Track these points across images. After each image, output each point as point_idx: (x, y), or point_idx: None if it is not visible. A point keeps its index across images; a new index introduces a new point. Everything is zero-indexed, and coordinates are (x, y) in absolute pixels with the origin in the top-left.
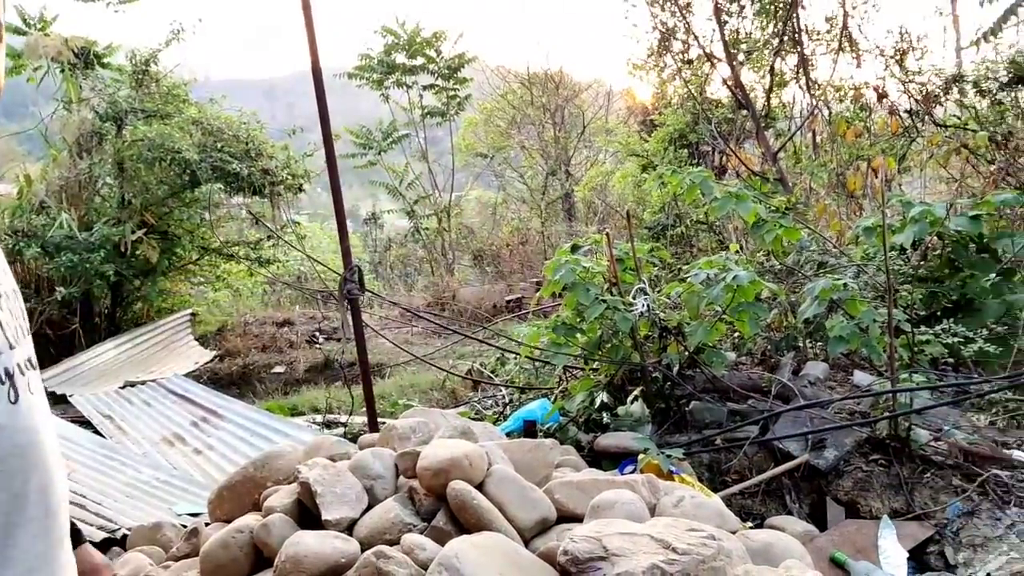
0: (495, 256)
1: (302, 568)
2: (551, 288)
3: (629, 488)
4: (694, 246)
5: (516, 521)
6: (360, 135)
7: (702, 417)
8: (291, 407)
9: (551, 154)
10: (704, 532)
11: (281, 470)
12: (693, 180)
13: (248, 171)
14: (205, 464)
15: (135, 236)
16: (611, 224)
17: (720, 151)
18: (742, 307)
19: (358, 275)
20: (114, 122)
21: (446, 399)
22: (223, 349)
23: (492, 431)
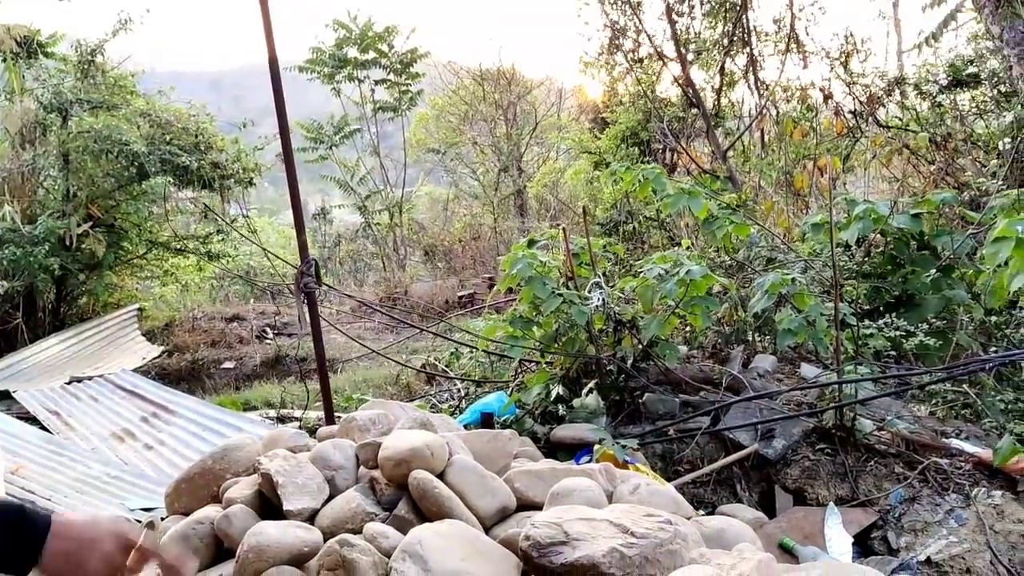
0: (447, 252)
1: (264, 557)
2: (508, 282)
3: (587, 476)
4: (646, 242)
5: (477, 509)
6: (311, 129)
7: (655, 408)
8: (244, 402)
9: (503, 150)
10: (661, 517)
11: (240, 462)
12: (646, 176)
13: (198, 164)
14: (156, 459)
15: (80, 229)
16: (564, 220)
17: (671, 149)
18: (694, 301)
19: (315, 269)
20: (59, 113)
21: (400, 393)
22: (171, 344)
23: (451, 423)
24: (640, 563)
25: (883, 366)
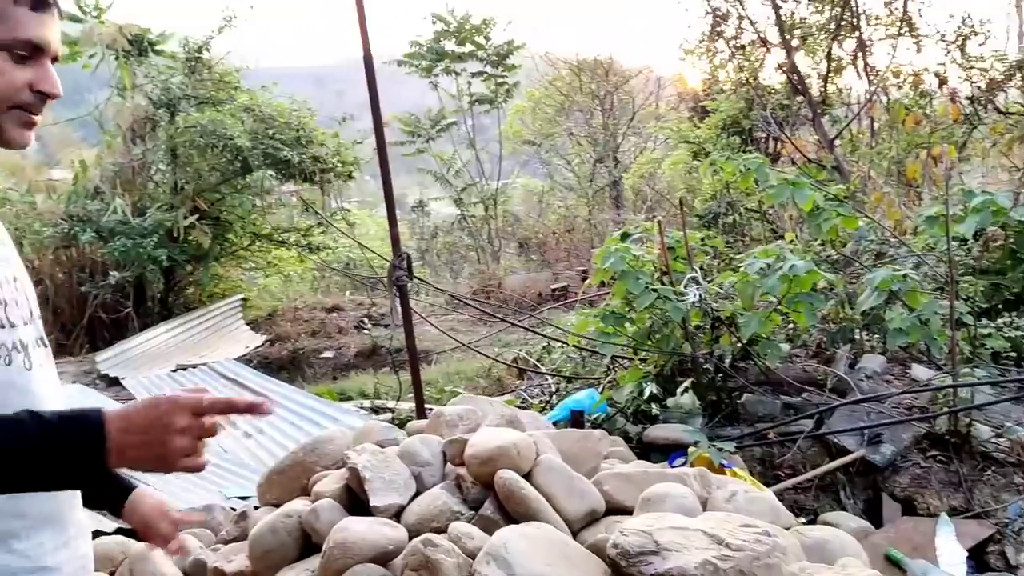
0: (541, 244)
1: (350, 554)
2: (600, 276)
3: (680, 481)
4: (747, 235)
5: (564, 512)
6: (408, 123)
7: (755, 410)
8: (340, 392)
9: (599, 141)
10: (758, 528)
11: (330, 455)
12: (748, 167)
13: (299, 158)
14: (255, 448)
15: (187, 222)
16: (660, 212)
17: (775, 138)
18: (798, 298)
19: (407, 262)
20: (167, 109)
21: (492, 387)
22: (273, 334)
23: (539, 420)
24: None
25: (1002, 369)
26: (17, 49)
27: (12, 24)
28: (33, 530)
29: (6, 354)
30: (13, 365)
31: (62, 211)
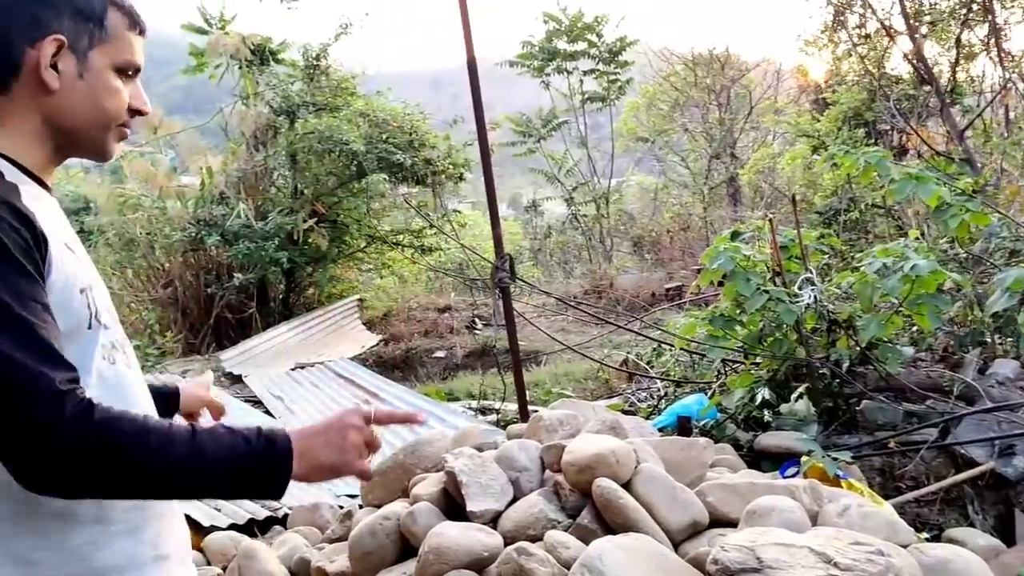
0: (655, 243)
1: (445, 559)
2: (708, 277)
3: (789, 494)
4: (870, 232)
5: (665, 523)
6: (520, 123)
7: (874, 418)
8: (448, 392)
9: (715, 137)
10: (871, 546)
11: (430, 457)
12: (869, 161)
13: (412, 161)
14: None
15: (307, 225)
16: (779, 209)
17: (900, 130)
18: (921, 299)
19: (509, 264)
20: (287, 116)
21: (600, 389)
22: (388, 334)
23: (643, 426)
24: None
25: None
26: (128, 71)
27: (125, 46)
28: (153, 520)
29: (108, 354)
30: (116, 364)
31: (190, 216)
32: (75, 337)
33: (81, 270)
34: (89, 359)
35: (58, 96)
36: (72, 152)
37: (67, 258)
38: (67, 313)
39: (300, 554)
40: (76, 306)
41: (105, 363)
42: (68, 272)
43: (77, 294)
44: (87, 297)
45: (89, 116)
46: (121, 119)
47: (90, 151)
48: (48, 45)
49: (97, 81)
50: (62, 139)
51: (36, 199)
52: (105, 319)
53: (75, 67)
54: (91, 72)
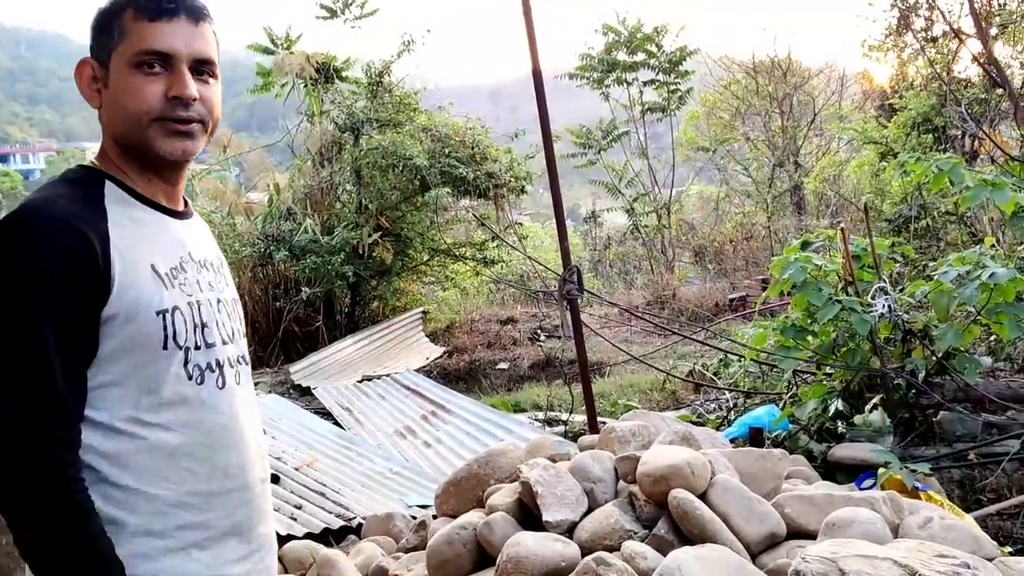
0: (717, 253)
1: (523, 569)
2: (779, 287)
3: (868, 505)
4: (942, 240)
5: (742, 534)
6: (580, 135)
7: (953, 429)
8: (514, 403)
9: (778, 145)
10: (956, 559)
11: (503, 468)
12: (940, 168)
13: (473, 175)
14: (434, 457)
15: (371, 239)
16: (845, 217)
17: (971, 135)
18: (1000, 308)
19: (577, 275)
20: (352, 132)
21: (666, 400)
22: (451, 345)
23: (715, 437)
24: None
25: None
26: (144, 63)
27: (134, 39)
28: (215, 541)
29: (199, 374)
30: (205, 384)
31: (258, 232)
32: (140, 355)
33: (167, 294)
34: (159, 379)
35: (104, 112)
36: (145, 161)
37: (144, 281)
38: (132, 332)
39: (377, 562)
40: (147, 329)
41: (188, 384)
42: (142, 294)
43: (152, 316)
44: (164, 320)
45: (120, 121)
46: (152, 113)
47: (145, 155)
48: (81, 69)
49: (116, 85)
50: (130, 150)
51: (137, 223)
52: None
53: (104, 80)
54: (112, 78)
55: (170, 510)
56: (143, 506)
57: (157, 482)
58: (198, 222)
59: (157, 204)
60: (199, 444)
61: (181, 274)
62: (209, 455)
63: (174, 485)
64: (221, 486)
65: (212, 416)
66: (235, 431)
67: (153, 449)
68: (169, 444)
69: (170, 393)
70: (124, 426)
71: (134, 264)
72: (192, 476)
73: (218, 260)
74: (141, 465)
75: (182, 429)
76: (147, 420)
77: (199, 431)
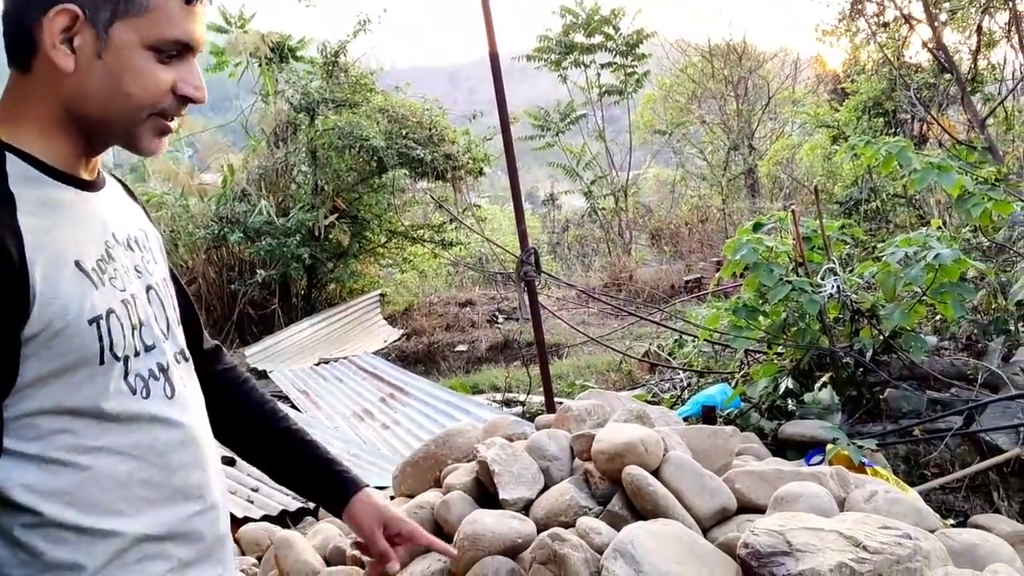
0: (673, 235)
1: (480, 546)
2: (731, 268)
3: (816, 480)
4: (891, 222)
5: (694, 509)
6: (538, 117)
7: (898, 406)
8: (472, 385)
9: (733, 128)
10: (899, 530)
11: (461, 448)
12: (890, 151)
13: (431, 157)
14: (392, 439)
15: (328, 221)
16: (798, 200)
17: (920, 119)
18: (945, 288)
19: (534, 257)
20: (307, 113)
21: (623, 381)
22: (410, 328)
23: (669, 416)
24: None
25: None
26: (167, 50)
27: (165, 20)
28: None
29: (142, 386)
30: (152, 397)
31: (212, 213)
32: (74, 374)
33: (99, 296)
34: (97, 398)
35: (75, 77)
36: (106, 143)
37: (70, 284)
38: (61, 350)
39: (334, 543)
40: (80, 342)
41: (133, 399)
42: (68, 302)
43: (84, 326)
44: (99, 328)
45: (110, 103)
46: (156, 107)
47: (121, 143)
48: (57, 18)
49: (118, 61)
50: (89, 128)
51: (51, 207)
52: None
53: (93, 44)
54: (112, 50)
55: (131, 545)
56: (99, 545)
57: (111, 516)
58: (111, 188)
59: (76, 179)
60: (153, 466)
61: (110, 265)
62: (166, 477)
63: (130, 518)
64: (184, 511)
65: (165, 432)
66: (192, 446)
67: (100, 479)
68: (118, 470)
69: (113, 411)
70: (62, 455)
71: (56, 264)
72: (149, 504)
73: (142, 233)
74: (90, 498)
75: (132, 451)
76: (89, 445)
77: (152, 451)
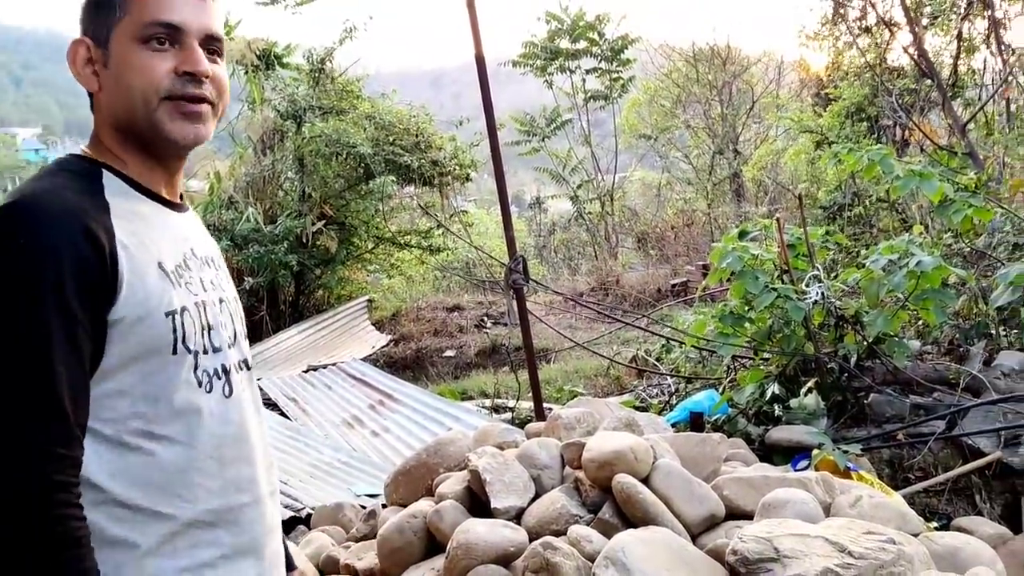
0: (659, 239)
1: (473, 555)
2: (718, 276)
3: (802, 486)
4: (874, 226)
5: (683, 516)
6: (524, 122)
7: (882, 411)
8: (461, 391)
9: (718, 132)
10: (883, 536)
11: (452, 457)
12: (872, 158)
13: (418, 163)
14: (382, 446)
15: (315, 228)
16: (783, 204)
17: (902, 125)
18: (926, 294)
19: (522, 265)
20: (294, 120)
21: (611, 386)
22: (398, 334)
23: (657, 423)
24: None
25: None
26: (153, 37)
27: (141, 11)
28: (229, 561)
29: (207, 381)
30: (213, 393)
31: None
32: (149, 361)
33: (175, 293)
34: (168, 387)
35: (103, 94)
36: (150, 148)
37: (152, 279)
38: (141, 336)
39: (327, 552)
40: (155, 332)
41: (198, 392)
42: (150, 294)
43: (161, 318)
44: (173, 321)
45: (125, 102)
46: (161, 91)
47: (153, 140)
48: (74, 51)
49: (119, 63)
50: (133, 135)
51: (139, 216)
52: (217, 342)
53: (103, 59)
54: (113, 58)
55: (183, 529)
56: (154, 526)
57: (168, 500)
58: (194, 216)
59: (158, 196)
60: (210, 458)
61: (186, 272)
62: (220, 469)
63: (186, 503)
64: (234, 502)
65: (222, 427)
66: (244, 442)
67: (163, 464)
68: (180, 458)
69: (180, 402)
70: (132, 440)
71: (141, 261)
72: (205, 492)
73: (217, 256)
74: (151, 482)
75: (193, 441)
76: (156, 432)
77: (210, 443)
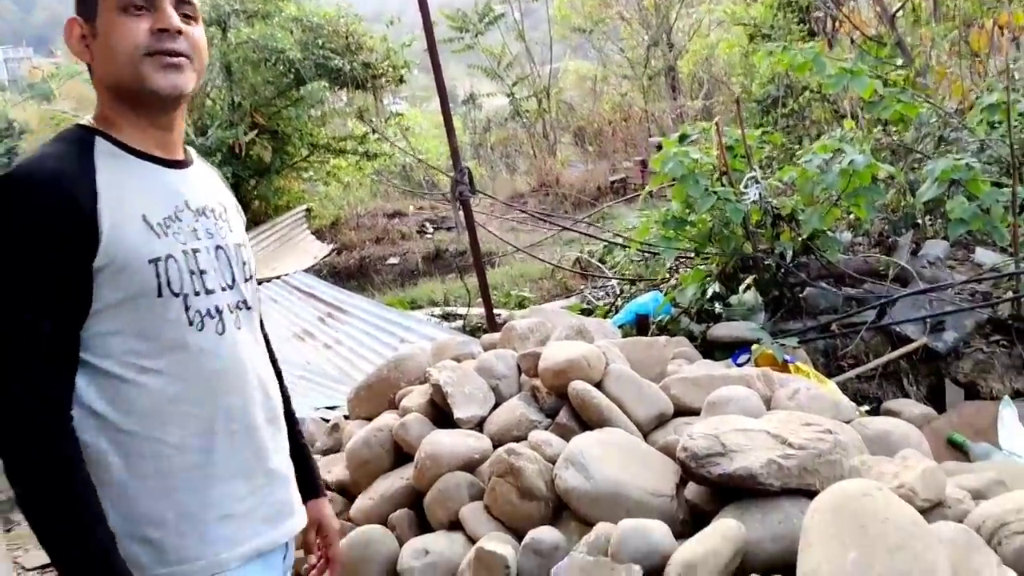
0: (597, 134)
1: (440, 464)
2: (659, 180)
3: (744, 383)
4: (807, 118)
5: (635, 416)
6: (456, 19)
7: (817, 304)
8: (410, 300)
9: (651, 23)
10: (820, 426)
11: (412, 371)
12: (804, 56)
13: (350, 66)
14: (335, 358)
15: (248, 137)
16: (717, 98)
17: (832, 15)
18: (858, 191)
19: (468, 176)
20: (218, 25)
21: (556, 288)
22: (339, 243)
23: (606, 328)
24: (798, 473)
25: None
26: (131, 4)
27: None
28: (221, 481)
29: (199, 320)
30: (205, 330)
31: None
32: (137, 303)
33: (160, 243)
34: (156, 326)
35: (96, 64)
36: (141, 107)
37: (135, 231)
38: (125, 282)
39: None
40: (139, 278)
41: (189, 330)
42: (132, 244)
43: (143, 265)
44: (157, 267)
45: (112, 65)
46: (141, 48)
47: (139, 94)
48: (69, 28)
49: (104, 32)
50: (126, 101)
51: (127, 174)
52: (211, 284)
53: (91, 32)
54: (100, 28)
55: (174, 453)
56: (148, 449)
57: (160, 426)
58: (200, 169)
59: (151, 156)
60: (199, 389)
61: (175, 223)
62: (210, 399)
63: (176, 429)
64: (223, 428)
65: (211, 362)
66: (235, 375)
67: (155, 394)
68: (169, 389)
69: (169, 339)
70: (126, 373)
71: (123, 215)
72: (194, 420)
73: (220, 206)
74: (144, 410)
75: (182, 374)
76: (147, 366)
77: (200, 376)
